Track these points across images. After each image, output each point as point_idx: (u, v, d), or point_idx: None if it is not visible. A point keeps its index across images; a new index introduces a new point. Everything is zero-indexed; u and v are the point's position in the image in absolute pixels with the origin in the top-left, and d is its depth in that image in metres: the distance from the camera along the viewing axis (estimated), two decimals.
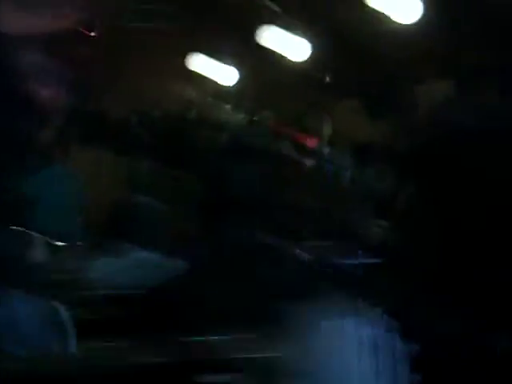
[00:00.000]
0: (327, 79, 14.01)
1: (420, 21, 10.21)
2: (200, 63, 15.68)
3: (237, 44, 14.98)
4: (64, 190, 8.06)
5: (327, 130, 14.45)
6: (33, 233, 4.39)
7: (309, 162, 13.94)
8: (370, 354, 1.24)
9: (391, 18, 9.73)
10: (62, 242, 7.31)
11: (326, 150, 13.47)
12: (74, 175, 8.27)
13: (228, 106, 15.32)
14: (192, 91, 15.64)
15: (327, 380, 1.20)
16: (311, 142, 14.89)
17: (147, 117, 14.17)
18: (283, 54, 13.94)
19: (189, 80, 15.77)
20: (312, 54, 13.66)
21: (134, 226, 3.34)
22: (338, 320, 1.31)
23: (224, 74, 15.45)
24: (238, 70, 15.43)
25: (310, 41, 13.36)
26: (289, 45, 13.65)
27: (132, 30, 14.55)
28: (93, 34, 13.81)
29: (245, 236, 2.05)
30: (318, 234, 3.04)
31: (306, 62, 13.91)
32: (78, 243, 7.14)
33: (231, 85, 15.91)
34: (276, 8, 13.57)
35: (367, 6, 11.85)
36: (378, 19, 10.07)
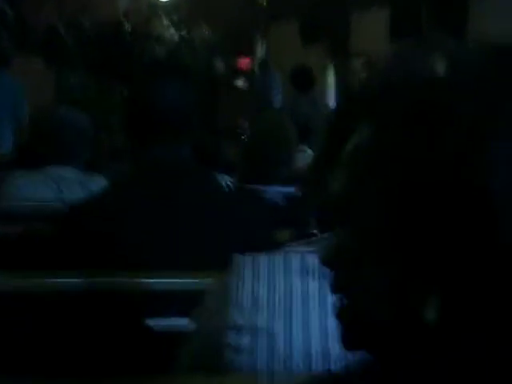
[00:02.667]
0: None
1: None
2: None
3: None
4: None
5: (261, 51, 14.35)
6: None
7: (241, 83, 13.85)
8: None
9: None
10: None
11: (259, 72, 13.40)
12: (15, 84, 8.02)
13: (163, 20, 15.05)
14: (126, 2, 15.30)
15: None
16: (244, 63, 14.78)
17: (78, 26, 13.83)
18: None
19: None
20: None
21: (57, 139, 3.22)
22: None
23: None
24: None
25: None
26: None
27: None
28: None
29: (170, 157, 1.98)
30: (244, 160, 2.98)
31: None
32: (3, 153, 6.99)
33: None
34: None
35: None
36: None
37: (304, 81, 8.30)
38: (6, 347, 1.73)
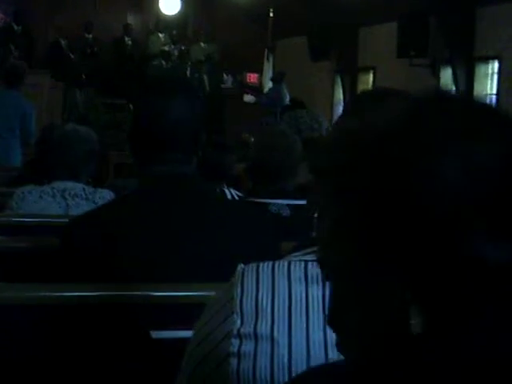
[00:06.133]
0: (272, 15, 13.88)
1: None
2: None
3: None
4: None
5: (269, 66, 14.38)
6: None
7: (249, 98, 13.88)
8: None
9: None
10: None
11: (267, 87, 13.43)
12: (24, 101, 8.10)
13: (161, 36, 15.10)
14: (133, 19, 15.37)
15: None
16: (253, 78, 14.82)
17: (82, 41, 13.91)
18: None
19: (130, 7, 15.50)
20: None
21: (64, 155, 3.24)
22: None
23: (168, 4, 15.20)
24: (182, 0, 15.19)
25: None
26: None
27: None
28: None
29: (175, 172, 1.99)
30: (250, 174, 2.99)
31: None
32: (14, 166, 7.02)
33: (174, 14, 15.68)
34: None
35: None
36: None
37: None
38: (15, 358, 1.74)
